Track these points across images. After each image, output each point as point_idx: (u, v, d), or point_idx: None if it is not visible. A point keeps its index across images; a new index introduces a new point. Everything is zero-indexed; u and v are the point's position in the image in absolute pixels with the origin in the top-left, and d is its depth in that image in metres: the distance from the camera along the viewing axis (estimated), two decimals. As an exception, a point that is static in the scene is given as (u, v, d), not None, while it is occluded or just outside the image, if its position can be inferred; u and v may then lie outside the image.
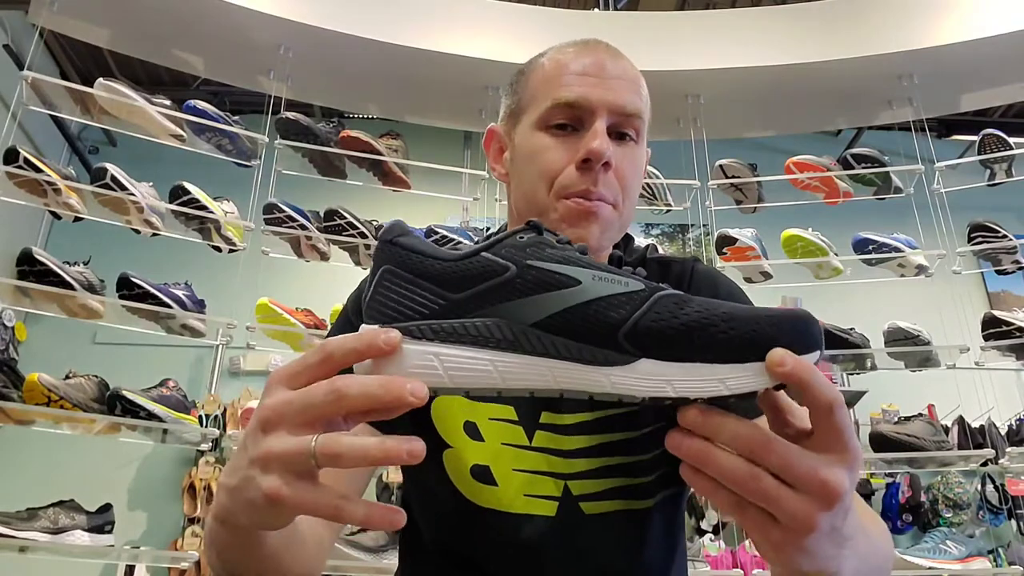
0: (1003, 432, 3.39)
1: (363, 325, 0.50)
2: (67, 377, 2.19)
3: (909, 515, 3.37)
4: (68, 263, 2.38)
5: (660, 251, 0.93)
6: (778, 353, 0.43)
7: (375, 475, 3.25)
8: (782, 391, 0.46)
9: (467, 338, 0.47)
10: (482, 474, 0.77)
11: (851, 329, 2.70)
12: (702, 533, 3.12)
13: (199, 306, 2.50)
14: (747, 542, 2.91)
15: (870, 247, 2.84)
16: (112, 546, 2.29)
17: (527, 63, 0.89)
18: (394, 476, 3.08)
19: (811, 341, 0.44)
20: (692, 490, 0.83)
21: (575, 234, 0.79)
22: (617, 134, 0.81)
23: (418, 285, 0.49)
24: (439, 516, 0.81)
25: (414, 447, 0.44)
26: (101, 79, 2.54)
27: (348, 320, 0.86)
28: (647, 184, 2.98)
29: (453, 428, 0.79)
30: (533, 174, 0.81)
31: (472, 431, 0.79)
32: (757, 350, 0.43)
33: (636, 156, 0.82)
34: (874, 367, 2.80)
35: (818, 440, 0.44)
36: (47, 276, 2.30)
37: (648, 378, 0.45)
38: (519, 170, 0.85)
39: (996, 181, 2.91)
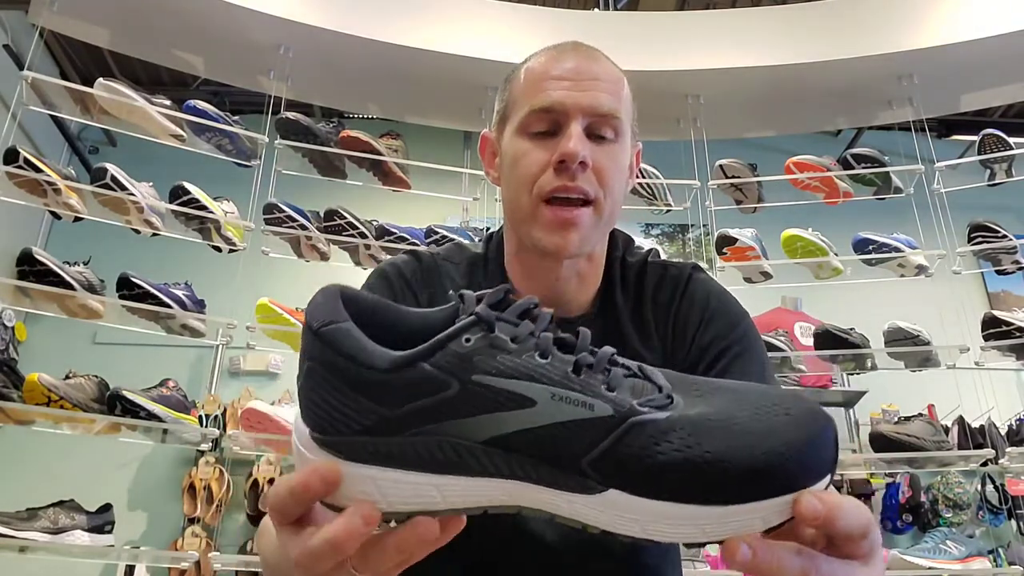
0: (1003, 432, 3.39)
1: (297, 423, 0.45)
2: (67, 377, 2.19)
3: (909, 515, 3.37)
4: (68, 263, 2.38)
5: (663, 254, 0.93)
6: (810, 506, 0.39)
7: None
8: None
9: (406, 462, 0.42)
10: None
11: (851, 329, 2.70)
12: (702, 533, 3.12)
13: (199, 306, 2.50)
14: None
15: (870, 247, 2.84)
16: (112, 546, 2.29)
17: (514, 69, 0.91)
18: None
19: (820, 468, 0.39)
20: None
21: (553, 242, 0.80)
22: (595, 135, 0.82)
23: (348, 396, 0.42)
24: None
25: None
26: (101, 79, 2.54)
27: None
28: (647, 184, 2.98)
29: None
30: (516, 179, 0.83)
31: None
32: (748, 491, 0.39)
33: (616, 154, 0.83)
34: (874, 367, 2.80)
35: (847, 551, 0.43)
36: (47, 276, 2.29)
37: (615, 512, 0.40)
38: (506, 176, 0.86)
39: (996, 181, 2.91)
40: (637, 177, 0.96)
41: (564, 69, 0.83)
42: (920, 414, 2.81)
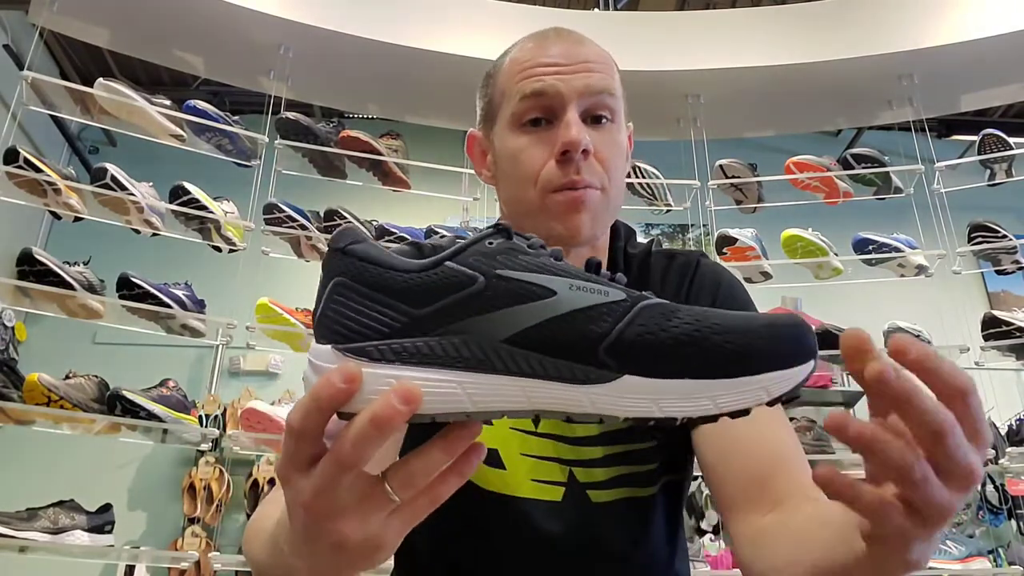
0: (1003, 432, 3.38)
1: (314, 345, 0.45)
2: (67, 377, 2.19)
3: (909, 515, 3.37)
4: (68, 263, 2.38)
5: (665, 246, 0.93)
6: (902, 341, 0.39)
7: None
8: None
9: (432, 359, 0.43)
10: (490, 457, 0.78)
11: (851, 329, 2.70)
12: (702, 533, 3.12)
13: (199, 306, 2.50)
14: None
15: (870, 247, 2.84)
16: (112, 546, 2.29)
17: (493, 64, 0.88)
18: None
19: (807, 350, 0.42)
20: (691, 489, 0.85)
21: (566, 227, 0.78)
22: (592, 118, 0.80)
23: (376, 300, 0.44)
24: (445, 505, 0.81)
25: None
26: (101, 79, 2.54)
27: None
28: (647, 184, 2.98)
29: None
30: (517, 176, 0.81)
31: None
32: (751, 364, 0.41)
33: (615, 137, 0.82)
34: (874, 367, 2.79)
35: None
36: (47, 276, 2.30)
37: (632, 396, 0.42)
38: (503, 173, 0.84)
39: (996, 181, 2.91)
40: (636, 178, 0.95)
41: (552, 54, 0.81)
42: (920, 414, 2.81)
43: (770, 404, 0.42)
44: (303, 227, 2.67)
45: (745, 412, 0.42)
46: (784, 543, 0.64)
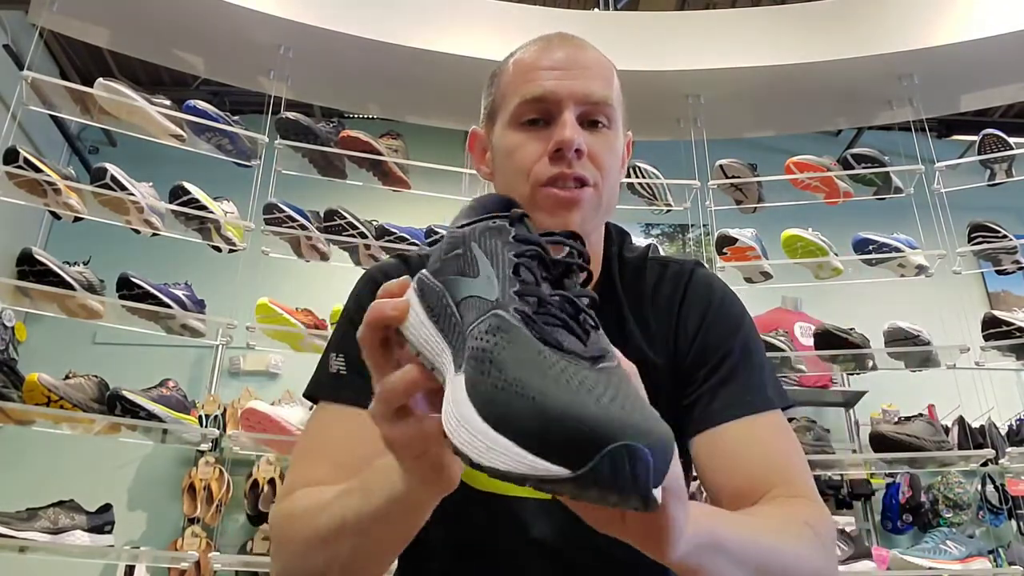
0: (1003, 432, 3.39)
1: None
2: (67, 377, 2.19)
3: (909, 515, 3.37)
4: (68, 263, 2.38)
5: (662, 252, 0.93)
6: None
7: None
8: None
9: (431, 298, 0.51)
10: None
11: (851, 329, 2.70)
12: (702, 533, 3.12)
13: (199, 306, 2.50)
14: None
15: (870, 247, 2.84)
16: (112, 546, 2.29)
17: (500, 65, 0.90)
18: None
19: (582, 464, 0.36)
20: (691, 489, 0.84)
21: (557, 223, 0.79)
22: (589, 122, 0.81)
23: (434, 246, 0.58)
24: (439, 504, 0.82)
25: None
26: (101, 79, 2.54)
27: (352, 324, 0.84)
28: (647, 184, 2.98)
29: None
30: (511, 171, 0.83)
31: None
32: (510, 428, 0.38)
33: (610, 141, 0.83)
34: (874, 367, 2.80)
35: None
36: (47, 276, 2.30)
37: (450, 394, 0.44)
38: (500, 169, 0.86)
39: (996, 181, 2.91)
40: (636, 178, 0.96)
41: (554, 59, 0.82)
42: (920, 414, 2.81)
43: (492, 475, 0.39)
44: (303, 227, 2.67)
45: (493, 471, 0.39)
46: None
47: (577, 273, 0.53)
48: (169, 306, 2.39)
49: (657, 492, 0.37)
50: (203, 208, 2.58)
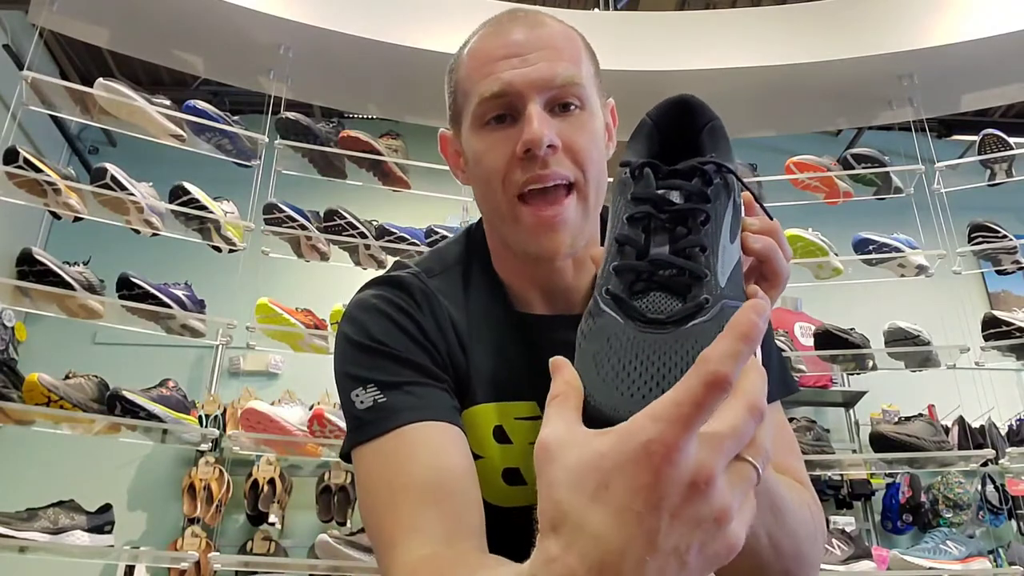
0: (1003, 432, 3.39)
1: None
2: (67, 377, 2.19)
3: (909, 515, 3.37)
4: (68, 263, 2.38)
5: None
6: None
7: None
8: None
9: None
10: (513, 475, 0.77)
11: (851, 329, 2.70)
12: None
13: (199, 306, 2.50)
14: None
15: (870, 247, 2.84)
16: (112, 546, 2.29)
17: (454, 57, 0.85)
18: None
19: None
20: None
21: (542, 247, 0.75)
22: (560, 106, 0.75)
23: None
24: None
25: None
26: (101, 79, 2.54)
27: (380, 352, 0.75)
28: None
29: (483, 437, 0.77)
30: (483, 178, 0.78)
31: (500, 436, 0.78)
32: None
33: (585, 123, 0.76)
34: (874, 367, 2.80)
35: None
36: (47, 276, 2.29)
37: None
38: (473, 176, 0.81)
39: (996, 181, 2.90)
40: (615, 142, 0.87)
41: (509, 44, 0.76)
42: (920, 414, 2.81)
43: None
44: (303, 227, 2.67)
45: None
46: None
47: (697, 214, 0.50)
48: (169, 306, 2.39)
49: None
50: (203, 208, 2.58)
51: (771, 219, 0.62)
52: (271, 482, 3.19)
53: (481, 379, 0.78)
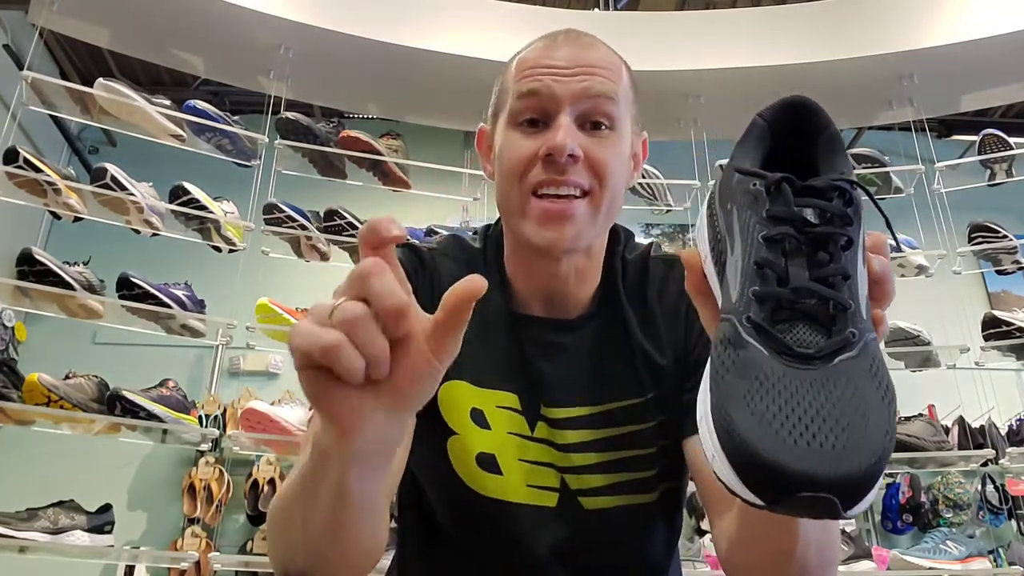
0: (1003, 432, 3.38)
1: None
2: (67, 377, 2.19)
3: (909, 515, 3.37)
4: (68, 263, 2.38)
5: (663, 250, 0.92)
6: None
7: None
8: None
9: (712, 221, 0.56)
10: (488, 462, 0.79)
11: (851, 329, 2.70)
12: (702, 533, 3.12)
13: (199, 306, 2.50)
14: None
15: (870, 247, 2.83)
16: (112, 546, 2.29)
17: (508, 61, 0.88)
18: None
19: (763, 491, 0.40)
20: (692, 491, 0.85)
21: (545, 238, 0.77)
22: (591, 124, 0.78)
23: None
24: (442, 503, 0.82)
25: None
26: (101, 79, 2.54)
27: None
28: (647, 184, 2.98)
29: (459, 416, 0.80)
30: (505, 171, 0.80)
31: (479, 418, 0.80)
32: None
33: (613, 144, 0.79)
34: (874, 367, 2.79)
35: None
36: (47, 276, 2.29)
37: (706, 370, 0.47)
38: (497, 168, 0.84)
39: (996, 181, 2.91)
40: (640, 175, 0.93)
41: (556, 58, 0.79)
42: (920, 414, 2.81)
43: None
44: (303, 227, 2.67)
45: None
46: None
47: (839, 237, 0.47)
48: (169, 306, 2.39)
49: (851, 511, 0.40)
50: (203, 208, 2.58)
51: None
52: (271, 482, 3.18)
53: (464, 359, 0.79)
